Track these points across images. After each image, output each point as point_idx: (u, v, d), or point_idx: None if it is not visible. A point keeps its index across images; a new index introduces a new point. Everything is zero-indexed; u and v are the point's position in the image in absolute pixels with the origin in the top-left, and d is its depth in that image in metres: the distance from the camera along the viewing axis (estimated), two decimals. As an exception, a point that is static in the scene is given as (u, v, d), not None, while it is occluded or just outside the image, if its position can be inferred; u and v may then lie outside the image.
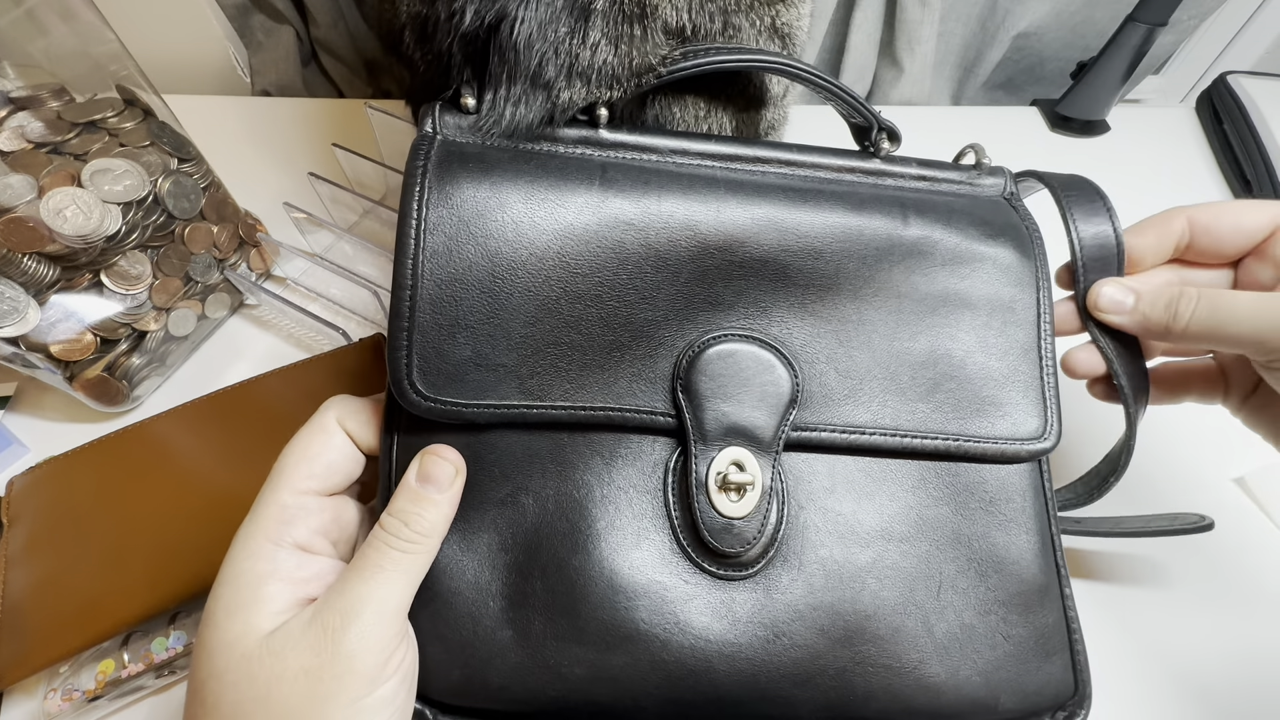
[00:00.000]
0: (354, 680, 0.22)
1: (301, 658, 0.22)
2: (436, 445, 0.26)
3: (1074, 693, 0.29)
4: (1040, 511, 0.30)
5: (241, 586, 0.23)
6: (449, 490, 0.25)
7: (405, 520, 0.24)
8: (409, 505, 0.25)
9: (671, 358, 0.27)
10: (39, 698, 0.33)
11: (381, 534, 0.24)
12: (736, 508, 0.26)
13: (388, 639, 0.23)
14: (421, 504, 0.25)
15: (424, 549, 0.24)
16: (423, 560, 0.25)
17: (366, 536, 0.28)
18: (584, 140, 0.29)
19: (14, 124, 0.38)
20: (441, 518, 0.25)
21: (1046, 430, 0.29)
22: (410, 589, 0.24)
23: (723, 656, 0.26)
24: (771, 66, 0.31)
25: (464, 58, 0.28)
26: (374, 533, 0.24)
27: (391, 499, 0.25)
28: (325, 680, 0.21)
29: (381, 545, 0.24)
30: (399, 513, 0.24)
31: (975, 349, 0.29)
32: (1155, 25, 0.59)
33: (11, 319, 0.38)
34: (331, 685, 0.21)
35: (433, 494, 0.25)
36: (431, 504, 0.25)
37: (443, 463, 0.25)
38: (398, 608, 0.24)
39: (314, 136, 0.64)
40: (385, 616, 0.23)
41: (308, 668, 0.21)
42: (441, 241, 0.26)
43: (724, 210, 0.28)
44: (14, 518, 0.36)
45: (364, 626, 0.22)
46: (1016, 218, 0.32)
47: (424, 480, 0.25)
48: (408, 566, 0.24)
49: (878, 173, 0.32)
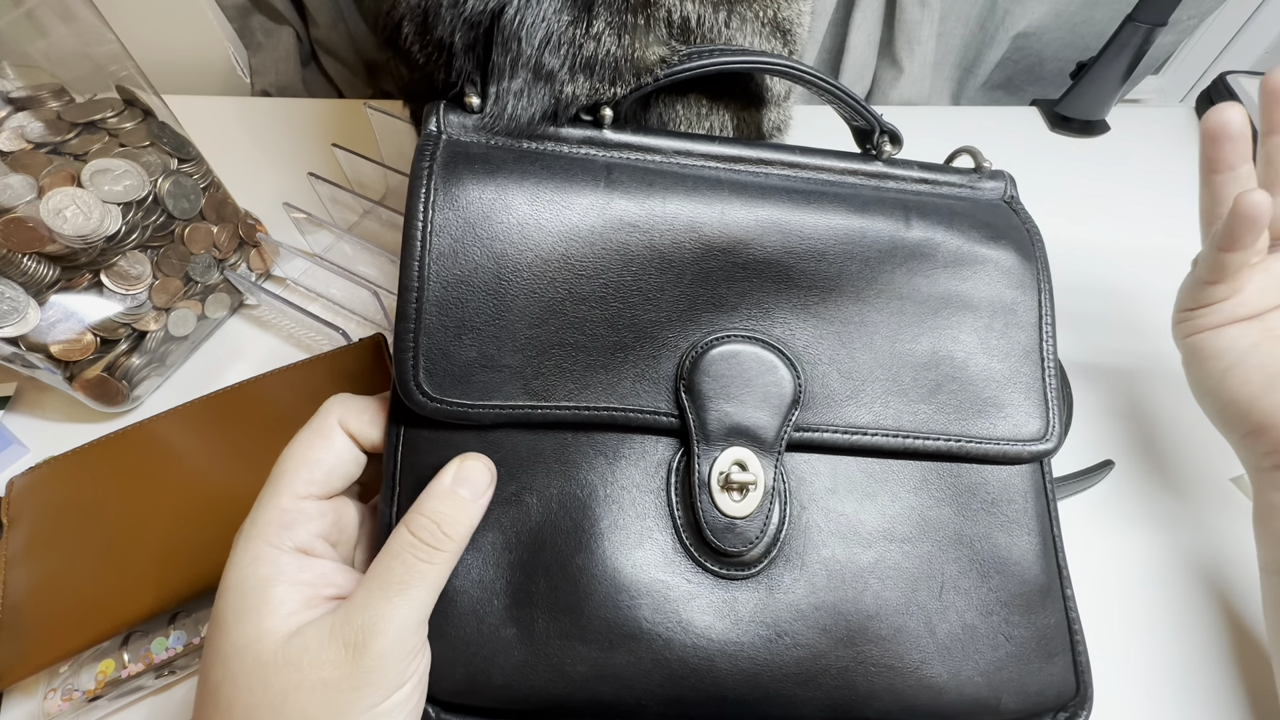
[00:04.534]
0: (371, 691, 0.22)
1: (321, 671, 0.22)
2: (474, 453, 0.26)
3: (1076, 693, 0.29)
4: (1042, 512, 0.30)
5: (247, 591, 0.23)
6: (483, 496, 0.25)
7: (438, 520, 0.24)
8: (442, 506, 0.24)
9: (675, 358, 0.27)
10: (39, 698, 0.33)
11: (408, 541, 0.24)
12: (739, 507, 0.27)
13: (407, 652, 0.23)
14: (455, 506, 0.25)
15: (448, 557, 0.24)
16: (446, 571, 0.24)
17: (367, 537, 0.28)
18: (588, 141, 0.29)
19: (14, 124, 0.38)
20: (470, 524, 0.25)
21: (1048, 432, 0.29)
22: (432, 601, 0.24)
23: (725, 655, 0.26)
24: (773, 68, 0.31)
25: (464, 47, 0.28)
26: (398, 542, 0.24)
27: (421, 500, 0.25)
28: (344, 691, 0.21)
29: (408, 557, 0.23)
30: (431, 512, 0.24)
31: (977, 350, 0.29)
32: (1155, 25, 0.59)
33: (11, 319, 0.38)
34: (350, 696, 0.22)
35: (466, 497, 0.25)
36: (464, 507, 0.25)
37: (480, 468, 0.26)
38: (420, 622, 0.24)
39: (314, 136, 0.64)
40: (407, 632, 0.23)
41: (326, 680, 0.21)
42: (447, 244, 0.26)
43: (728, 212, 0.28)
44: (14, 518, 0.36)
45: (386, 644, 0.22)
46: (1017, 220, 0.32)
47: (461, 482, 0.25)
48: (433, 580, 0.24)
49: (880, 175, 0.32)
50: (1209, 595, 0.39)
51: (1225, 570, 0.40)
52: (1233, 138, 0.32)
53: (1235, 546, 0.40)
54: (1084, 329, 0.51)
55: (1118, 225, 0.59)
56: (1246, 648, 0.37)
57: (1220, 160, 0.33)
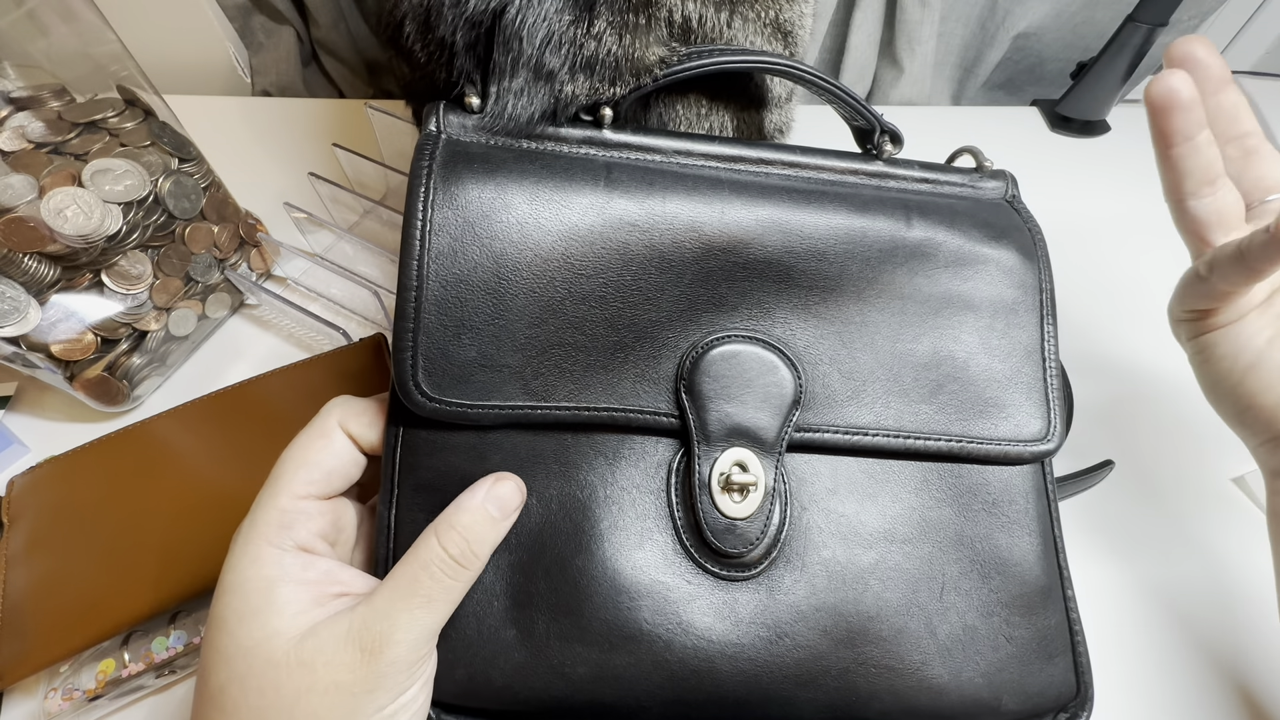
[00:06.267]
0: (382, 694, 0.22)
1: (334, 673, 0.22)
2: (507, 473, 0.26)
3: (1076, 694, 0.29)
4: (1043, 513, 0.30)
5: (250, 592, 0.23)
6: (511, 517, 0.26)
7: (470, 538, 0.24)
8: (474, 523, 0.24)
9: (675, 358, 0.27)
10: (39, 697, 0.33)
11: (438, 554, 0.24)
12: (739, 508, 0.26)
13: (420, 658, 0.23)
14: (486, 524, 0.25)
15: (474, 573, 0.24)
16: (468, 586, 0.25)
17: (365, 537, 0.28)
18: (588, 140, 0.29)
19: (15, 124, 0.38)
20: (496, 542, 0.25)
21: (1049, 432, 0.29)
22: (449, 613, 0.24)
23: (725, 657, 0.26)
24: (772, 68, 0.31)
25: (465, 46, 0.28)
26: (426, 553, 0.24)
27: (453, 513, 0.24)
28: (357, 694, 0.22)
29: (436, 571, 0.23)
30: (465, 529, 0.24)
31: (978, 350, 0.29)
32: (1155, 25, 0.59)
33: (12, 319, 0.38)
34: (362, 699, 0.22)
35: (496, 515, 0.25)
36: (494, 526, 0.25)
37: (513, 489, 0.26)
38: (435, 632, 0.24)
39: (314, 136, 0.64)
40: (423, 640, 0.23)
41: (339, 683, 0.22)
42: (446, 243, 0.25)
43: (728, 211, 0.28)
44: (14, 518, 0.36)
45: (401, 651, 0.22)
46: (1019, 220, 0.32)
47: (493, 501, 0.25)
48: (457, 595, 0.24)
49: (881, 175, 0.32)
50: (1209, 596, 0.39)
51: (1226, 571, 0.40)
52: (1183, 105, 0.29)
53: (1236, 547, 0.40)
54: (1084, 329, 0.51)
55: (1118, 225, 0.59)
56: (1247, 647, 0.37)
57: (1175, 132, 0.30)
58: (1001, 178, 0.34)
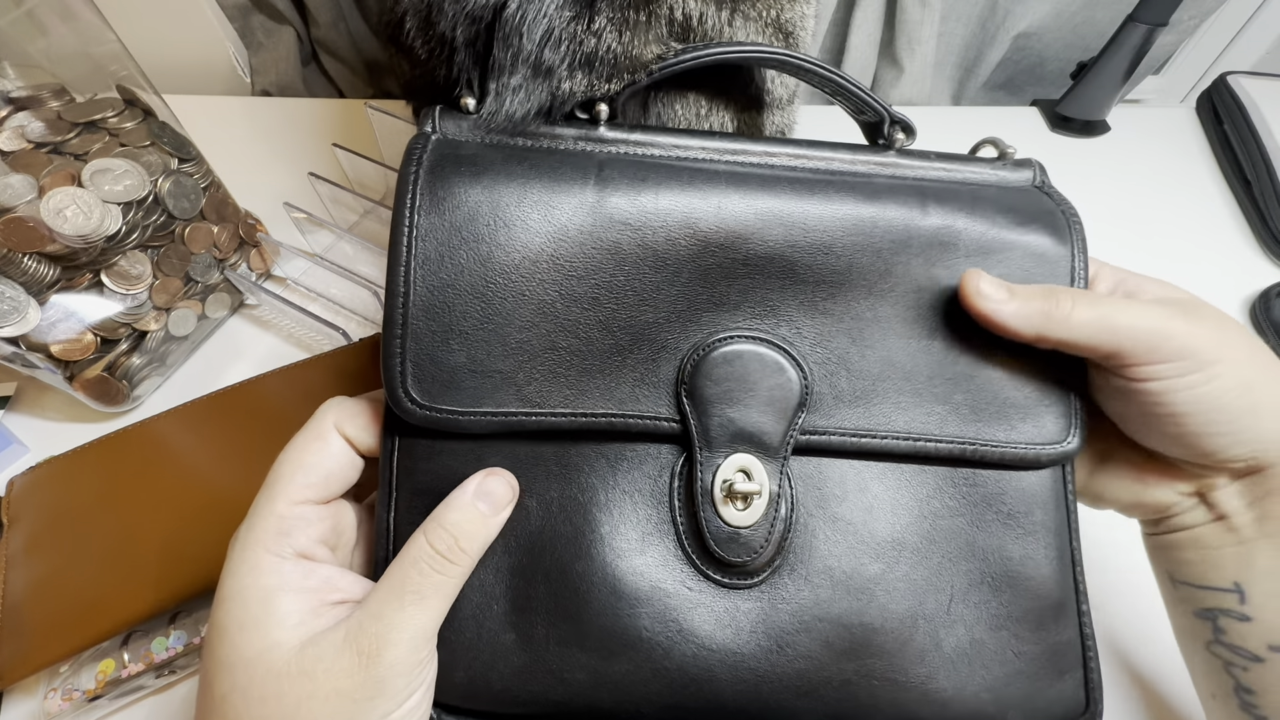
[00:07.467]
0: (385, 700, 0.22)
1: (335, 680, 0.22)
2: (497, 469, 0.26)
3: (1085, 709, 0.28)
4: (1061, 525, 0.28)
5: (250, 602, 0.23)
6: (502, 512, 0.25)
7: (457, 535, 0.24)
8: (461, 519, 0.24)
9: (675, 361, 0.26)
10: (39, 697, 0.33)
11: (426, 551, 0.24)
12: (742, 516, 0.26)
13: (419, 661, 0.23)
14: (474, 520, 0.24)
15: (463, 570, 0.24)
16: (460, 582, 0.24)
17: (365, 539, 0.28)
18: (583, 138, 0.29)
19: (14, 124, 0.38)
20: (487, 539, 0.25)
21: (1070, 432, 0.27)
22: (444, 611, 0.24)
23: (725, 666, 0.25)
24: (770, 59, 0.30)
25: (465, 42, 0.28)
26: (415, 551, 0.24)
27: (441, 511, 0.24)
28: (358, 701, 0.22)
29: (424, 568, 0.23)
30: (451, 525, 0.24)
31: (997, 344, 0.27)
32: (1155, 25, 0.59)
33: (12, 319, 0.37)
34: (364, 705, 0.22)
35: (485, 512, 0.25)
36: (483, 522, 0.25)
37: (503, 484, 0.25)
38: (432, 632, 0.24)
39: (314, 136, 0.64)
40: (420, 641, 0.23)
41: (340, 689, 0.22)
42: (433, 248, 0.25)
43: (725, 205, 0.26)
44: (14, 518, 0.36)
45: (399, 653, 0.22)
46: (1051, 204, 0.29)
47: (481, 497, 0.25)
48: (448, 591, 0.24)
49: (894, 164, 0.30)
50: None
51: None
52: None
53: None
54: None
55: (1118, 225, 0.59)
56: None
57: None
58: (1029, 166, 0.31)
